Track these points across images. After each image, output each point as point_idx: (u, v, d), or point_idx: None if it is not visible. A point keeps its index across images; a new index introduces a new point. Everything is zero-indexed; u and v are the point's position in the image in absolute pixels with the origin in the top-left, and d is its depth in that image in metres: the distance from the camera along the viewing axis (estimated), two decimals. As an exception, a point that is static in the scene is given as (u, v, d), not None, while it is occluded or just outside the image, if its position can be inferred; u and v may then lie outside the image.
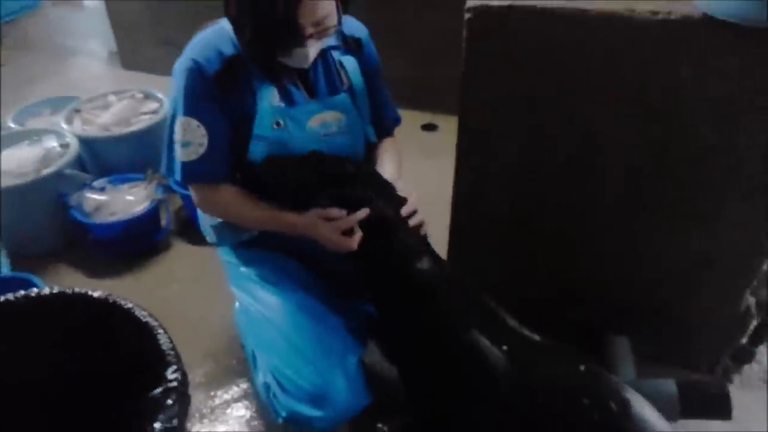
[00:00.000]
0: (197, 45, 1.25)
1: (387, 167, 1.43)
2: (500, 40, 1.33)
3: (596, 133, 1.37)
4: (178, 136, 1.26)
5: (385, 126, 1.50)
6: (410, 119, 3.15)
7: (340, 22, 1.24)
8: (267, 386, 1.29)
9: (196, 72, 1.22)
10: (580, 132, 1.39)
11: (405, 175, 1.50)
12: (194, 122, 1.24)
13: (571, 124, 1.38)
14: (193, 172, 1.28)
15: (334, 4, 1.20)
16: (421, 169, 2.65)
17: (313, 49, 1.23)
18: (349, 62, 1.36)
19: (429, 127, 3.11)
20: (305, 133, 1.30)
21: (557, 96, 1.36)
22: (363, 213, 1.19)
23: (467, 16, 1.32)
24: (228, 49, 1.23)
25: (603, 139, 1.38)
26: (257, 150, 1.27)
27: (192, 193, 1.35)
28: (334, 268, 1.39)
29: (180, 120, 1.25)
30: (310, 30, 1.17)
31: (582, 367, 1.18)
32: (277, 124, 1.27)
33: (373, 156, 1.48)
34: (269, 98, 1.26)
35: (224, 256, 1.49)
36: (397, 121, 1.53)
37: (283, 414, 1.24)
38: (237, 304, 1.47)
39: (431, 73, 3.01)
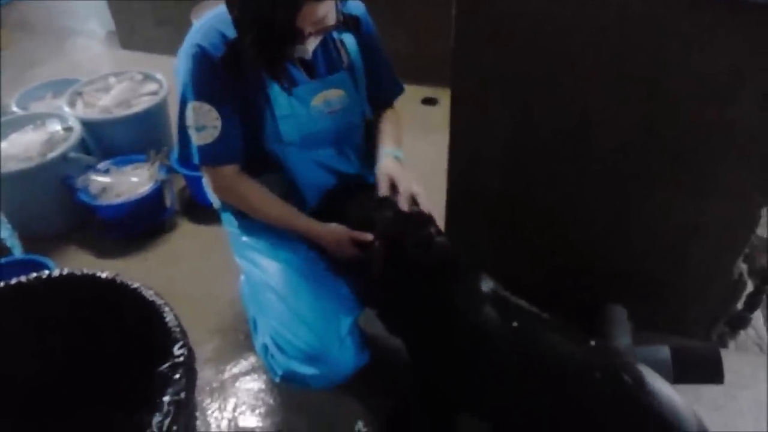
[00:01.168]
0: (200, 30, 1.27)
1: (386, 140, 1.47)
2: (489, 18, 1.33)
3: (585, 108, 1.39)
4: (190, 121, 1.29)
5: (386, 97, 1.54)
6: (411, 93, 3.10)
7: (339, 19, 1.26)
8: (265, 347, 1.35)
9: (201, 56, 1.24)
10: (569, 107, 1.40)
11: (406, 150, 1.52)
12: (206, 106, 1.27)
13: (560, 100, 1.40)
14: (210, 155, 1.32)
15: (333, 3, 1.21)
16: (421, 143, 2.66)
17: (312, 44, 1.26)
18: (349, 40, 1.39)
19: (429, 101, 3.11)
20: (310, 112, 1.35)
21: (546, 72, 1.37)
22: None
23: (457, -5, 1.33)
24: (231, 33, 1.25)
25: (592, 114, 1.39)
26: (288, 128, 1.33)
27: (209, 178, 1.40)
28: None
29: (191, 105, 1.28)
30: (309, 29, 1.19)
31: (593, 342, 1.20)
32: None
33: (374, 128, 1.51)
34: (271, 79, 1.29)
35: (228, 226, 1.54)
36: (399, 92, 1.56)
37: (280, 372, 1.30)
38: (242, 276, 1.52)
39: (432, 47, 2.98)
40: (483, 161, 1.58)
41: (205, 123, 1.28)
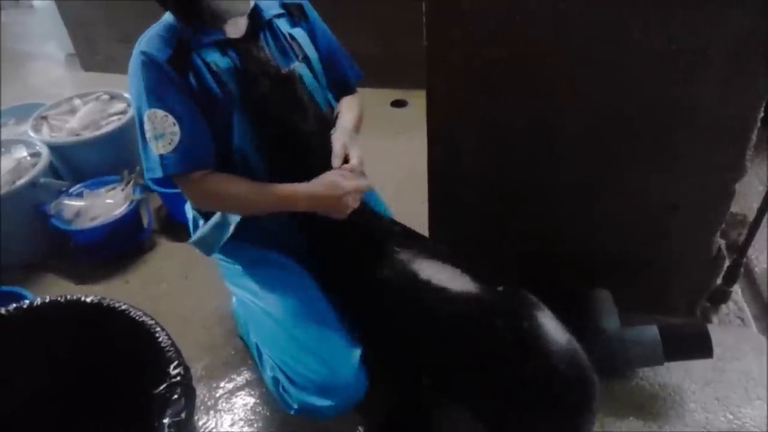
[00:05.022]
0: (143, 40, 1.24)
1: (345, 117, 1.40)
2: (458, 12, 1.35)
3: (553, 94, 1.41)
4: (149, 132, 1.23)
5: (345, 80, 1.49)
6: (379, 97, 3.16)
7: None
8: (276, 381, 1.32)
9: (148, 63, 1.20)
10: (537, 95, 1.42)
11: (378, 152, 1.52)
12: (160, 112, 1.20)
13: (529, 88, 1.42)
14: (173, 163, 1.22)
15: None
16: (393, 145, 2.68)
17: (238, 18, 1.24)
18: (299, 34, 1.36)
19: (399, 104, 3.12)
20: None
21: (514, 61, 1.39)
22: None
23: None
24: (172, 38, 1.22)
25: (561, 100, 1.41)
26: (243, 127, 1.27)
27: (181, 188, 1.30)
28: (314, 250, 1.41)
29: (146, 114, 1.21)
30: None
31: (500, 288, 1.25)
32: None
33: (335, 110, 1.45)
34: (232, 71, 1.25)
35: (218, 257, 1.48)
36: (357, 75, 1.52)
37: (295, 406, 1.27)
38: (234, 298, 1.48)
39: (399, 49, 3.01)
40: (461, 153, 1.59)
41: (162, 131, 1.21)
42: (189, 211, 1.51)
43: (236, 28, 1.28)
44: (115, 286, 2.09)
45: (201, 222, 1.42)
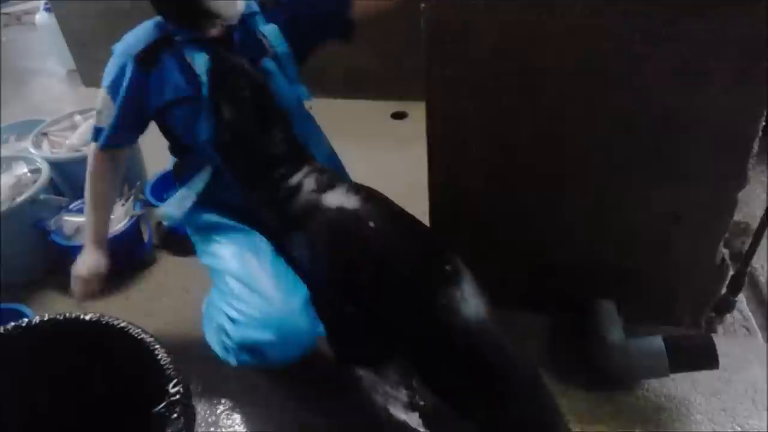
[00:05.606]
0: (132, 31, 1.42)
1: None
2: (457, 26, 1.35)
3: (558, 106, 1.41)
4: (96, 105, 1.46)
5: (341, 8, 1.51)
6: (380, 109, 3.17)
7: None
8: (219, 329, 1.32)
9: (120, 52, 1.39)
10: (542, 106, 1.42)
11: (379, 164, 1.52)
12: (107, 97, 1.42)
13: (532, 100, 1.42)
14: (96, 134, 1.49)
15: None
16: (394, 156, 2.68)
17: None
18: (271, 31, 1.44)
19: (399, 116, 3.12)
20: None
21: (517, 75, 1.39)
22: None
23: (423, 6, 1.35)
24: (153, 34, 1.38)
25: (566, 112, 1.41)
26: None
27: (88, 152, 1.55)
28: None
29: (101, 90, 1.43)
30: None
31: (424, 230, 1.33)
32: None
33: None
34: (204, 69, 1.36)
35: (190, 233, 1.59)
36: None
37: (234, 346, 1.26)
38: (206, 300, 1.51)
39: (397, 61, 3.02)
40: (463, 165, 1.59)
41: (101, 109, 1.45)
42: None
43: (215, 27, 1.38)
44: (115, 301, 2.08)
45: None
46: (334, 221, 1.31)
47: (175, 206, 1.50)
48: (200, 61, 1.35)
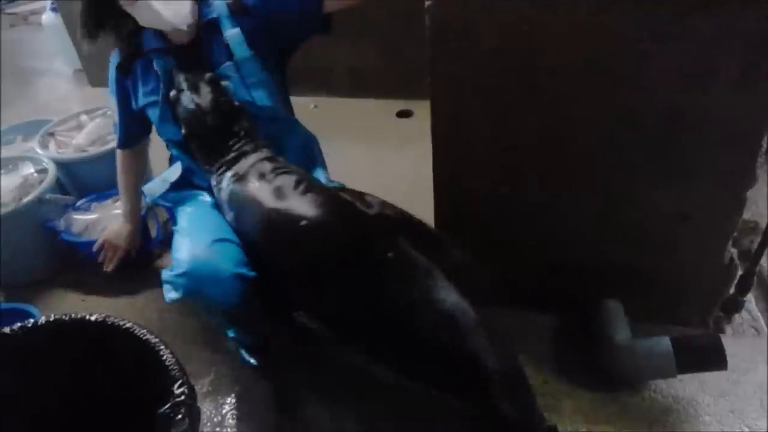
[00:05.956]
0: None
1: None
2: (461, 24, 1.34)
3: (563, 105, 1.39)
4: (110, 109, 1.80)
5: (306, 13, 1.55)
6: (385, 107, 3.16)
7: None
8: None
9: (111, 62, 1.62)
10: (548, 105, 1.41)
11: (384, 163, 1.52)
12: (112, 99, 1.67)
13: (537, 99, 1.40)
14: (115, 134, 1.78)
15: None
16: (399, 155, 2.67)
17: (158, 5, 1.41)
18: (233, 37, 1.52)
19: (404, 114, 3.11)
20: None
21: (522, 73, 1.38)
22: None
23: (427, 3, 1.34)
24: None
25: (571, 111, 1.40)
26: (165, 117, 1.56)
27: None
28: None
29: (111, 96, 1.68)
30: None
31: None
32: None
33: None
34: (166, 74, 1.53)
35: (172, 208, 1.72)
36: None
37: (169, 281, 1.39)
38: None
39: (402, 60, 3.01)
40: (467, 165, 1.58)
41: (111, 113, 1.77)
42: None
43: (180, 36, 1.53)
44: (122, 300, 2.09)
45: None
46: (266, 219, 1.36)
47: (153, 189, 1.70)
48: (160, 69, 1.52)
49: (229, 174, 1.46)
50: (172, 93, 1.50)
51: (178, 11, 1.45)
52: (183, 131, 1.52)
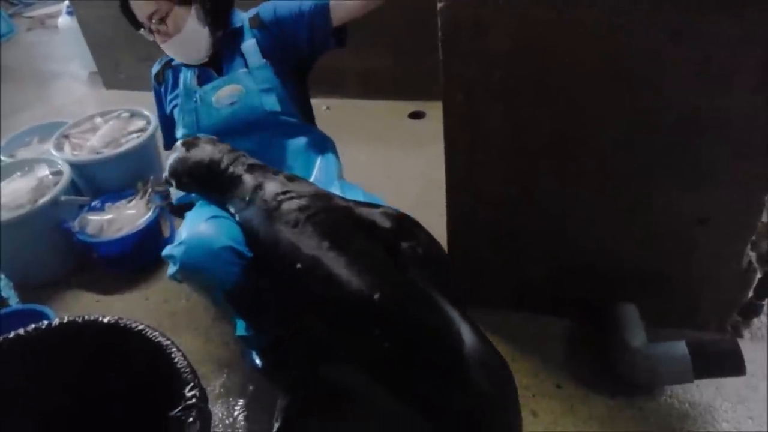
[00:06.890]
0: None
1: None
2: (474, 24, 1.33)
3: (579, 107, 1.38)
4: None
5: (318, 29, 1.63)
6: (397, 109, 3.16)
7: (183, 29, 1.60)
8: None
9: (151, 73, 1.84)
10: (563, 107, 1.39)
11: (396, 165, 1.51)
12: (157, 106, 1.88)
13: (552, 100, 1.39)
14: None
15: (168, 7, 1.56)
16: (411, 156, 2.66)
17: (169, 44, 1.62)
18: (249, 47, 1.68)
19: (416, 115, 3.10)
20: (210, 104, 1.67)
21: (536, 74, 1.36)
22: None
23: (440, 5, 1.33)
24: (165, 57, 1.77)
25: (588, 112, 1.38)
26: (198, 116, 1.70)
27: None
28: None
29: None
30: (147, 23, 1.60)
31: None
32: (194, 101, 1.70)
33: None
34: (187, 82, 1.72)
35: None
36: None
37: (165, 258, 1.45)
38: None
39: (415, 61, 3.00)
40: (480, 167, 1.57)
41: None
42: None
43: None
44: (135, 300, 2.10)
45: None
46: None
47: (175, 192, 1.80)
48: (184, 77, 1.72)
49: (234, 204, 1.48)
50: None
51: (199, 50, 1.66)
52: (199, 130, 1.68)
